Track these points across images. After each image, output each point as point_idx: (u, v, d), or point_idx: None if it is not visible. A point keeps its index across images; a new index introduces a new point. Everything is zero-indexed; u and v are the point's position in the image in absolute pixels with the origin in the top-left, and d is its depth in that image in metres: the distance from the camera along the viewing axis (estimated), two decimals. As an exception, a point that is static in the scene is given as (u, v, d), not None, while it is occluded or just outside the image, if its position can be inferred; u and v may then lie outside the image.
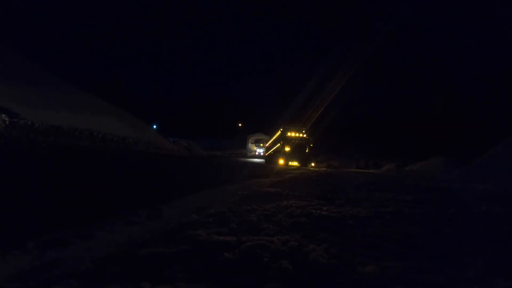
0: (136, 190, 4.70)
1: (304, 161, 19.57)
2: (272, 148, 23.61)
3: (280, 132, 21.05)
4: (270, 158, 21.81)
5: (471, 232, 2.96)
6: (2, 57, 15.01)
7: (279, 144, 20.45)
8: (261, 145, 36.10)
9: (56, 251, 1.97)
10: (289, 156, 19.61)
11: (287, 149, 19.66)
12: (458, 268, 2.05)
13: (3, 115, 10.00)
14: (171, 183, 5.89)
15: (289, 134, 20.04)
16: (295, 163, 19.36)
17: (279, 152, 20.21)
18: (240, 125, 54.76)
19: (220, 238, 2.30)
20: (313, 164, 20.80)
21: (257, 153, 35.91)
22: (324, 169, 17.65)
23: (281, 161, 19.37)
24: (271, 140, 25.62)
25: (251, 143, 40.85)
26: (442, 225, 3.22)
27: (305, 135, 20.26)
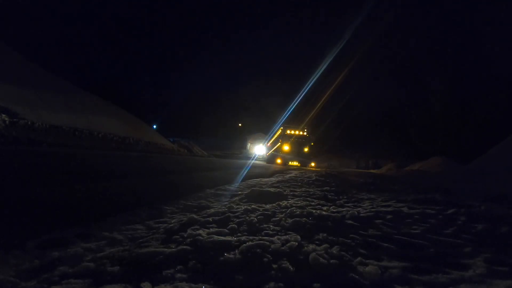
0: (136, 190, 4.69)
1: (304, 161, 19.59)
2: (273, 148, 23.61)
3: (280, 130, 21.04)
4: (271, 158, 21.82)
5: (471, 232, 2.97)
6: (1, 57, 15.01)
7: (279, 143, 20.45)
8: (261, 145, 35.98)
9: (56, 251, 1.98)
10: (289, 156, 19.61)
11: (287, 147, 19.66)
12: (458, 268, 2.05)
13: (3, 115, 10.00)
14: (171, 183, 5.89)
15: (289, 132, 20.01)
16: (295, 163, 19.37)
17: (279, 152, 20.22)
18: (240, 125, 54.91)
19: (220, 238, 2.30)
20: (313, 164, 20.83)
21: (256, 153, 35.48)
22: (325, 169, 17.66)
23: (281, 161, 19.37)
24: (272, 139, 25.60)
25: (251, 143, 40.88)
26: (442, 225, 3.22)
27: (305, 133, 20.23)
